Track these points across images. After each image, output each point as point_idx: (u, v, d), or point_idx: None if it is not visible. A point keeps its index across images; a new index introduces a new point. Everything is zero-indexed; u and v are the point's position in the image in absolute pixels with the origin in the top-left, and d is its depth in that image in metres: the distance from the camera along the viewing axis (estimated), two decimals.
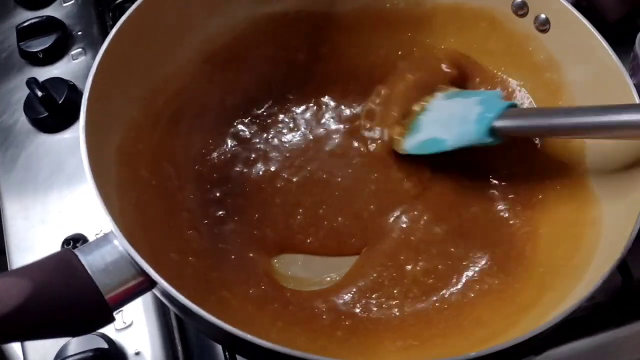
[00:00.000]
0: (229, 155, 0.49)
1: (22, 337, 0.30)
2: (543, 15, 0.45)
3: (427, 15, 0.50)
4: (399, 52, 0.52)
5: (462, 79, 0.50)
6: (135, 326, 0.46)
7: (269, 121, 0.51)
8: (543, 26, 0.46)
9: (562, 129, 0.41)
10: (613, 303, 0.47)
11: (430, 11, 0.50)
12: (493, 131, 0.42)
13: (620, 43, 0.44)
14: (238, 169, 0.49)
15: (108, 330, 0.45)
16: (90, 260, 0.32)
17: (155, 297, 0.46)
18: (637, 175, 0.39)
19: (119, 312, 0.45)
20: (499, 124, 0.42)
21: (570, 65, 0.45)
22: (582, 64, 0.44)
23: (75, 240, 0.49)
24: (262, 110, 0.52)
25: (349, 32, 0.52)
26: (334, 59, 0.52)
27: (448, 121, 0.46)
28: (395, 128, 0.48)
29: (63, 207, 0.52)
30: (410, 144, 0.47)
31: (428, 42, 0.51)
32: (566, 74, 0.45)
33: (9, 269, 0.49)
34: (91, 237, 0.49)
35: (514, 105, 0.44)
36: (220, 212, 0.47)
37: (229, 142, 0.50)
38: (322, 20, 0.51)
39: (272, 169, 0.49)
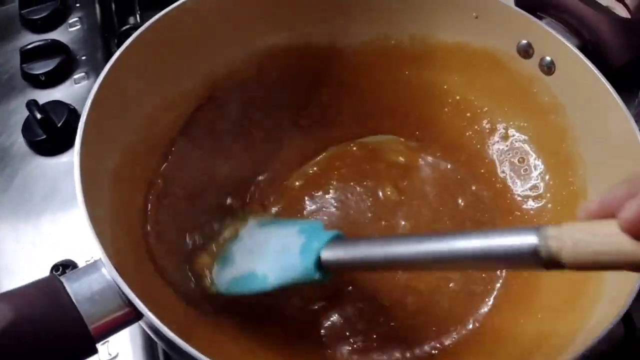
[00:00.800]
0: (226, 193, 0.48)
1: None
2: (548, 58, 0.45)
3: (431, 53, 0.50)
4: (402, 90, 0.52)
5: None
6: (120, 358, 0.44)
7: (266, 158, 0.51)
8: (548, 68, 0.45)
9: (397, 261, 0.34)
10: (615, 352, 0.46)
11: (434, 49, 0.50)
12: (319, 265, 0.36)
13: (625, 89, 0.44)
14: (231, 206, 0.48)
15: None
16: (76, 288, 0.31)
17: (142, 330, 0.45)
18: None
19: (105, 343, 0.44)
20: (326, 255, 0.36)
21: (574, 108, 0.45)
22: (587, 108, 0.44)
23: (65, 266, 0.48)
24: (261, 145, 0.51)
25: (352, 66, 0.51)
26: (337, 93, 0.52)
27: (266, 253, 0.40)
28: (201, 257, 0.42)
29: (55, 232, 0.51)
30: (222, 280, 0.41)
31: (431, 80, 0.51)
32: (570, 117, 0.45)
33: None
34: (81, 264, 0.48)
35: (340, 236, 0.37)
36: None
37: (229, 175, 0.49)
38: (326, 54, 0.51)
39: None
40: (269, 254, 0.39)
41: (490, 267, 0.34)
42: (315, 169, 0.51)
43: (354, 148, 0.52)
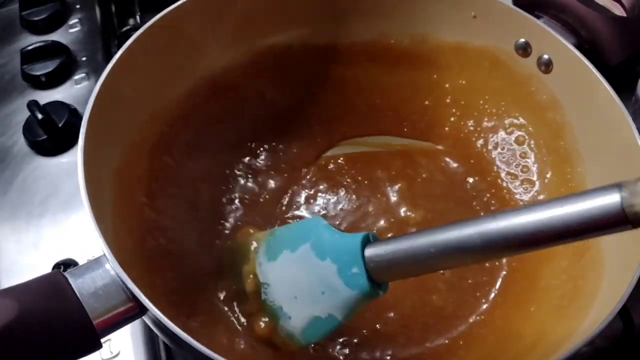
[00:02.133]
0: (228, 191, 0.48)
1: None
2: (546, 56, 0.45)
3: (431, 52, 0.50)
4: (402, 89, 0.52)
5: None
6: (122, 357, 0.44)
7: (267, 159, 0.51)
8: (546, 67, 0.46)
9: (455, 250, 0.30)
10: (614, 349, 0.46)
11: (434, 49, 0.50)
12: (373, 282, 0.33)
13: (622, 87, 0.44)
14: (235, 207, 0.48)
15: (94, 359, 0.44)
16: (80, 284, 0.31)
17: (144, 328, 0.45)
18: None
19: (106, 341, 0.44)
20: (375, 270, 0.32)
21: (572, 106, 0.45)
22: (585, 106, 0.44)
23: (67, 266, 0.48)
24: (262, 146, 0.51)
25: (352, 66, 0.52)
26: (336, 94, 0.52)
27: (310, 294, 0.36)
28: (258, 321, 0.39)
29: (56, 232, 0.51)
30: (294, 335, 0.37)
31: (432, 80, 0.51)
32: (568, 115, 0.45)
33: None
34: (83, 263, 0.48)
35: (369, 239, 0.33)
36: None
37: (229, 176, 0.49)
38: (325, 54, 0.51)
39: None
40: (316, 295, 0.35)
41: (571, 238, 0.28)
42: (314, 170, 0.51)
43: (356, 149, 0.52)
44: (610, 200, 0.25)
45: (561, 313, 0.40)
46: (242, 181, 0.49)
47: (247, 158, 0.50)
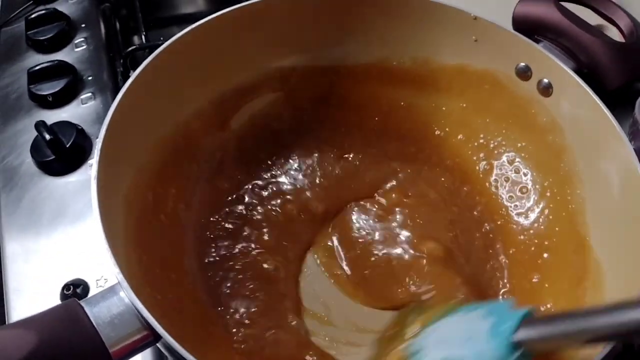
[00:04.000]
0: (237, 212, 0.49)
1: None
2: (546, 80, 0.46)
3: (433, 74, 0.51)
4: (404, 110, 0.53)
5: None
6: None
7: (274, 179, 0.51)
8: (546, 90, 0.47)
9: (602, 331, 0.31)
10: None
11: (436, 71, 0.51)
12: (516, 346, 0.34)
13: (620, 109, 0.45)
14: (245, 232, 0.48)
15: None
16: (97, 313, 0.32)
17: (154, 352, 0.46)
18: (639, 239, 0.40)
19: None
20: (521, 336, 0.33)
21: (572, 129, 0.46)
22: (584, 129, 0.45)
23: (76, 286, 0.48)
24: (270, 166, 0.52)
25: (354, 88, 0.53)
26: (338, 112, 0.53)
27: (456, 340, 0.37)
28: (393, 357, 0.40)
29: (64, 252, 0.51)
30: None
31: (432, 100, 0.52)
32: (568, 137, 0.46)
33: (6, 311, 0.49)
34: (92, 283, 0.49)
35: (530, 314, 0.35)
36: (224, 274, 0.46)
37: (238, 199, 0.50)
38: (328, 75, 0.52)
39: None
40: (457, 342, 0.37)
41: None
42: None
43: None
44: None
45: None
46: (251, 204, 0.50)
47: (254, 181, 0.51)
